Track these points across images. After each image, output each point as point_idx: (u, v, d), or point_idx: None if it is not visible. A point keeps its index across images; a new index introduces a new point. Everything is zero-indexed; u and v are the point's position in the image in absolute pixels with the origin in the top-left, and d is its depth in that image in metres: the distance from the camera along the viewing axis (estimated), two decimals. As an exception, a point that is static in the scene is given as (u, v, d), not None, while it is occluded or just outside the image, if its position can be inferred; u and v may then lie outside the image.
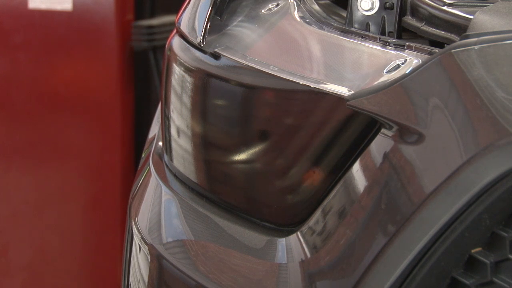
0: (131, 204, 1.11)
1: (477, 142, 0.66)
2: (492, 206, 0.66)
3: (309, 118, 0.83)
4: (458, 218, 0.66)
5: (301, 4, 0.94)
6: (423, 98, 0.69)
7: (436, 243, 0.67)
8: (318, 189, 0.81)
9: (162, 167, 1.07)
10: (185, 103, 0.98)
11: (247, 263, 0.88)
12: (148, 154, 1.17)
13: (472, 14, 0.74)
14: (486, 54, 0.67)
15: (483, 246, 0.67)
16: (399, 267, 0.69)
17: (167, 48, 1.06)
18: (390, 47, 0.81)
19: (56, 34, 2.09)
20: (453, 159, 0.66)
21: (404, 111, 0.71)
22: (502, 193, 0.65)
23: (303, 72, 0.84)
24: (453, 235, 0.67)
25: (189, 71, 0.97)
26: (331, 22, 0.90)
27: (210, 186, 0.97)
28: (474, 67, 0.67)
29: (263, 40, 0.95)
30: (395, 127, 0.72)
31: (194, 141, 0.97)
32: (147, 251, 1.00)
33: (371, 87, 0.75)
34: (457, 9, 0.80)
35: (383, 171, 0.73)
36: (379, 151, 0.75)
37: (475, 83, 0.66)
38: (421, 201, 0.68)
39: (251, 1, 1.00)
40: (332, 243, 0.77)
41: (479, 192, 0.65)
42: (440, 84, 0.68)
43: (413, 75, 0.70)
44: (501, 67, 0.66)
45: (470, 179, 0.65)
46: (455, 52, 0.67)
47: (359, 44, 0.84)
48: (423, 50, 0.77)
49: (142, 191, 1.09)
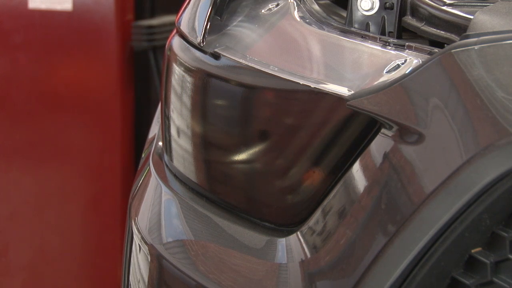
0: (131, 204, 1.10)
1: (477, 142, 0.66)
2: (492, 206, 0.65)
3: (309, 118, 0.83)
4: (458, 218, 0.66)
5: (301, 4, 0.94)
6: (423, 98, 0.69)
7: (436, 243, 0.67)
8: (318, 189, 0.81)
9: (162, 167, 1.07)
10: (185, 103, 0.98)
11: (247, 263, 0.88)
12: (148, 154, 1.16)
13: (472, 14, 0.74)
14: (486, 54, 0.67)
15: (483, 246, 0.67)
16: (399, 267, 0.69)
17: (167, 48, 1.06)
18: (390, 47, 0.81)
19: (56, 34, 2.09)
20: (453, 159, 0.66)
21: (404, 111, 0.71)
22: (502, 193, 0.65)
23: (303, 72, 0.84)
24: (453, 235, 0.67)
25: (189, 71, 0.97)
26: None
27: (210, 186, 0.97)
28: (474, 67, 0.66)
29: (263, 40, 0.95)
30: (395, 127, 0.72)
31: (194, 141, 0.97)
32: (147, 251, 1.00)
33: (371, 87, 0.75)
34: (457, 9, 0.80)
35: (383, 171, 0.73)
36: (379, 151, 0.75)
37: (475, 83, 0.66)
38: (421, 201, 0.68)
39: (251, 1, 1.00)
40: (332, 243, 0.77)
41: (479, 192, 0.65)
42: (440, 84, 0.68)
43: (413, 75, 0.70)
44: (501, 67, 0.66)
45: (470, 179, 0.65)
46: (455, 52, 0.67)
47: (359, 44, 0.84)
48: (423, 50, 0.77)
49: (142, 191, 1.09)
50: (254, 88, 0.89)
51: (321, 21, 0.91)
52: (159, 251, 0.97)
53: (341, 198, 0.78)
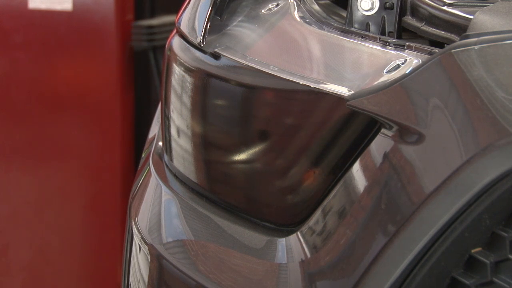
0: (131, 204, 1.10)
1: (477, 142, 0.66)
2: (492, 206, 0.65)
3: (309, 118, 0.83)
4: (458, 218, 0.66)
5: (301, 4, 0.94)
6: (423, 98, 0.69)
7: (436, 243, 0.67)
8: (318, 189, 0.81)
9: (162, 167, 1.07)
10: (185, 103, 0.98)
11: (247, 263, 0.88)
12: (148, 154, 1.16)
13: (472, 14, 0.74)
14: (486, 54, 0.67)
15: (483, 246, 0.67)
16: (399, 267, 0.69)
17: (167, 48, 1.06)
18: (390, 47, 0.81)
19: (56, 34, 2.09)
20: (453, 159, 0.66)
21: (404, 111, 0.71)
22: (502, 193, 0.65)
23: (303, 72, 0.84)
24: (453, 235, 0.67)
25: (189, 71, 0.97)
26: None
27: (210, 186, 0.97)
28: (474, 67, 0.66)
29: (263, 40, 0.95)
30: (395, 127, 0.72)
31: (194, 141, 0.97)
32: (147, 251, 1.00)
33: (371, 87, 0.75)
34: (457, 9, 0.80)
35: (383, 171, 0.73)
36: (379, 151, 0.75)
37: (475, 83, 0.66)
38: (421, 201, 0.68)
39: (251, 1, 1.00)
40: (332, 243, 0.77)
41: (479, 192, 0.65)
42: (440, 84, 0.68)
43: (413, 75, 0.70)
44: (501, 67, 0.66)
45: (470, 179, 0.65)
46: (455, 52, 0.67)
47: (359, 44, 0.84)
48: (423, 50, 0.77)
49: (142, 191, 1.09)
50: (254, 88, 0.89)
51: (321, 21, 0.91)
52: (159, 251, 0.97)
53: (341, 198, 0.78)
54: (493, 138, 0.65)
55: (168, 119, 1.03)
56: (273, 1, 0.98)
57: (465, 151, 0.66)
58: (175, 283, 0.97)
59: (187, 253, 0.96)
